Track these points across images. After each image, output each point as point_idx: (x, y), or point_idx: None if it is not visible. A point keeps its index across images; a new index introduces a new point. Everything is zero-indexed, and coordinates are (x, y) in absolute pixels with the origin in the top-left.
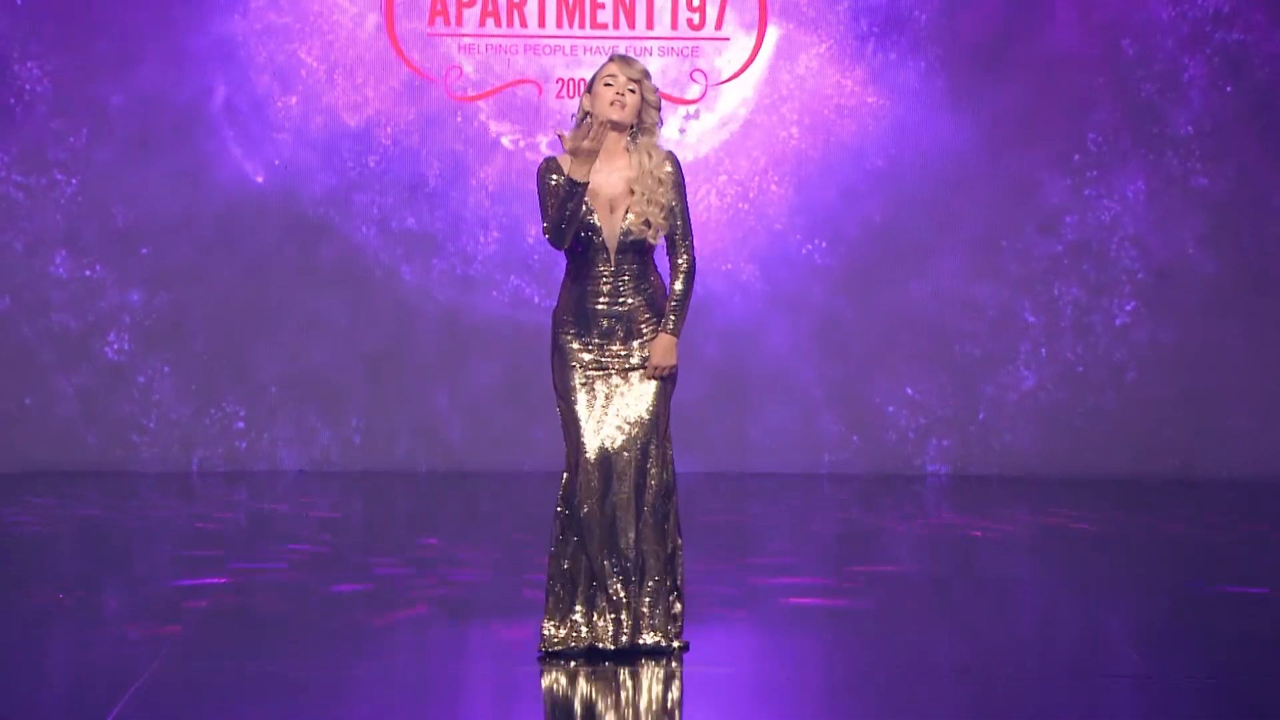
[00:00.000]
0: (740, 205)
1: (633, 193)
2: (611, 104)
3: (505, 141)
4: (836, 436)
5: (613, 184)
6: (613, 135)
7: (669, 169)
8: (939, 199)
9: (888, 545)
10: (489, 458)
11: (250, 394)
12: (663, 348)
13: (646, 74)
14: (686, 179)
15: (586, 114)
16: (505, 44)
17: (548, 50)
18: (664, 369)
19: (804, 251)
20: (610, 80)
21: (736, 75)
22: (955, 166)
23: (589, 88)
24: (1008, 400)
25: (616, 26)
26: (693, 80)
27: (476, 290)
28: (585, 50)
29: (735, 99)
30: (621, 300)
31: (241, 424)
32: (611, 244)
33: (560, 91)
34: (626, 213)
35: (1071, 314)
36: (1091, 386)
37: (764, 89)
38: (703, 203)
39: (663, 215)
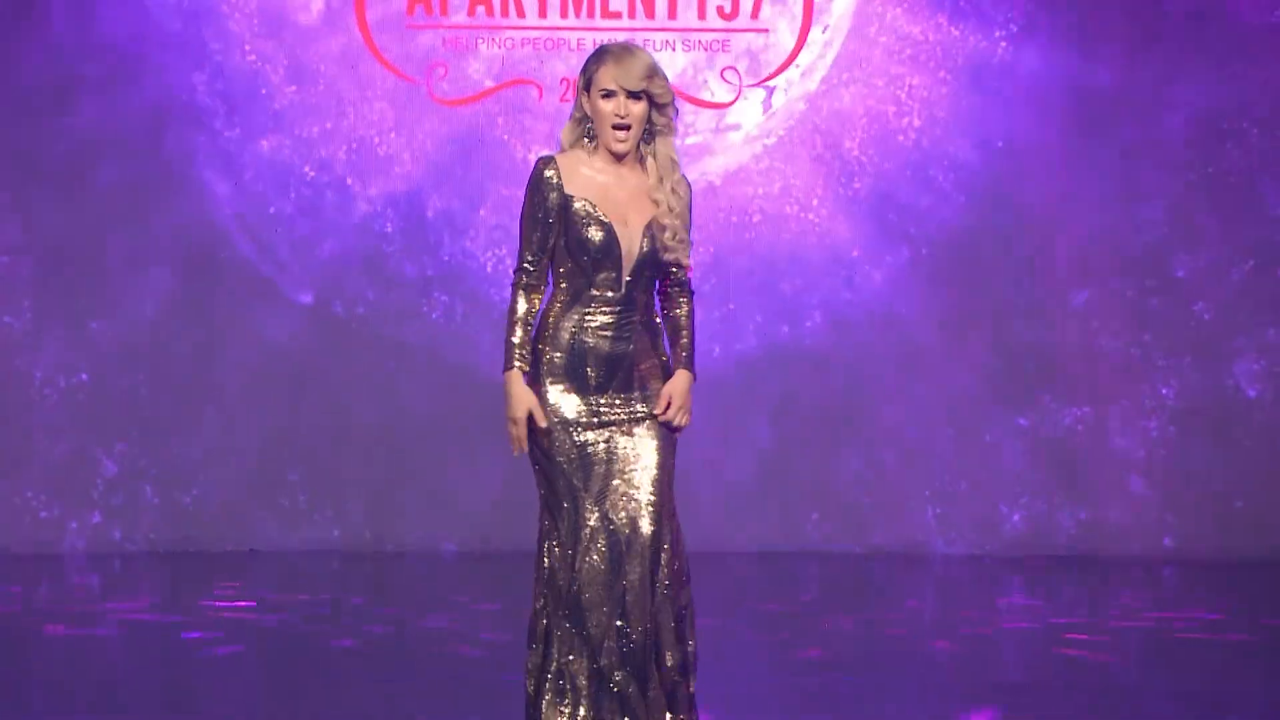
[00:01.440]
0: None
1: (655, 205)
2: (615, 131)
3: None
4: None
5: (627, 190)
6: None
7: (686, 185)
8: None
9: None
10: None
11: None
12: (684, 388)
13: (654, 70)
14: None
15: (588, 121)
16: (499, 38)
17: (549, 45)
18: (687, 414)
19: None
20: (608, 92)
21: (777, 74)
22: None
23: (585, 87)
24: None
25: (632, 16)
26: (724, 81)
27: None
28: (595, 45)
29: (777, 105)
30: (626, 337)
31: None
32: (628, 263)
33: (565, 94)
34: (649, 227)
35: None
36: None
37: (806, 94)
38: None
39: (687, 236)
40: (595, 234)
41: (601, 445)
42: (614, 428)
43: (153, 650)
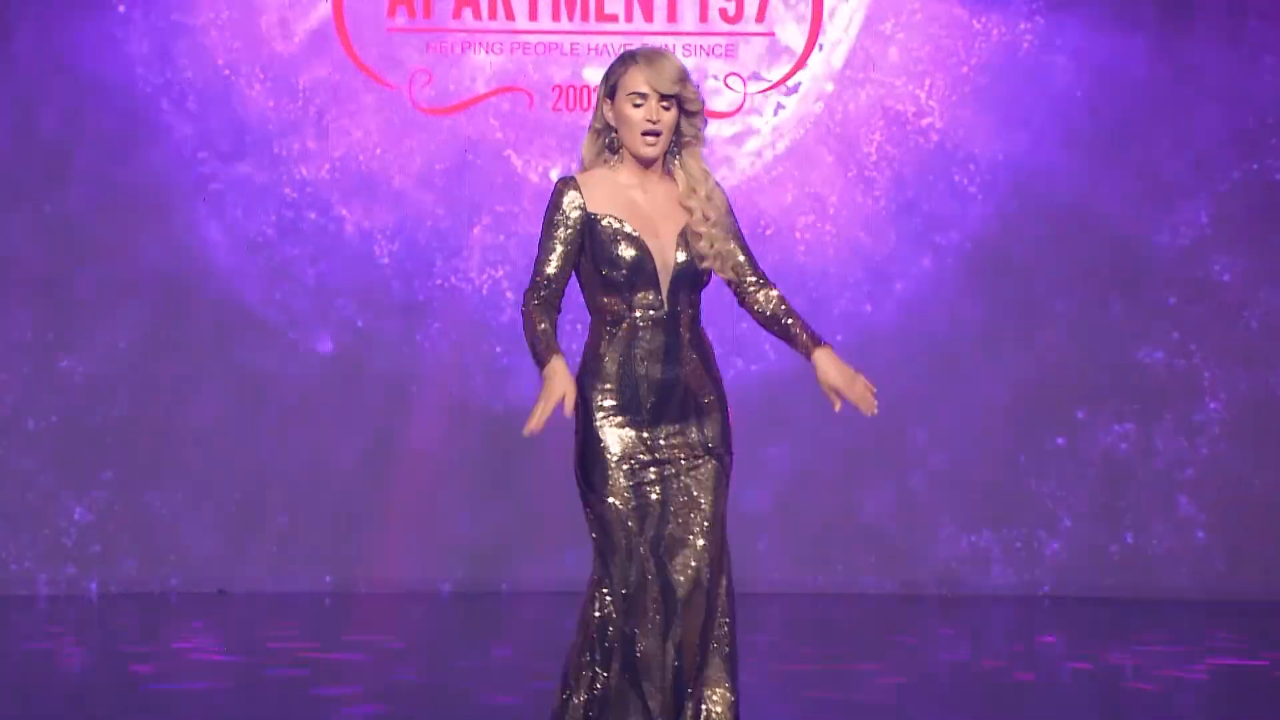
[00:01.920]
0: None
1: (689, 212)
2: (644, 137)
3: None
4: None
5: (656, 201)
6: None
7: (721, 192)
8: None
9: None
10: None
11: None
12: (836, 364)
13: (686, 75)
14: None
15: (609, 131)
16: (488, 42)
17: (541, 50)
18: (862, 381)
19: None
20: (639, 100)
21: (784, 80)
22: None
23: (608, 90)
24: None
25: (629, 19)
26: (728, 87)
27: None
28: (590, 50)
29: (787, 111)
30: (677, 359)
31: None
32: (664, 279)
33: (558, 101)
34: (683, 236)
35: None
36: None
37: (820, 97)
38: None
39: (728, 242)
40: (626, 250)
41: (657, 487)
42: (670, 465)
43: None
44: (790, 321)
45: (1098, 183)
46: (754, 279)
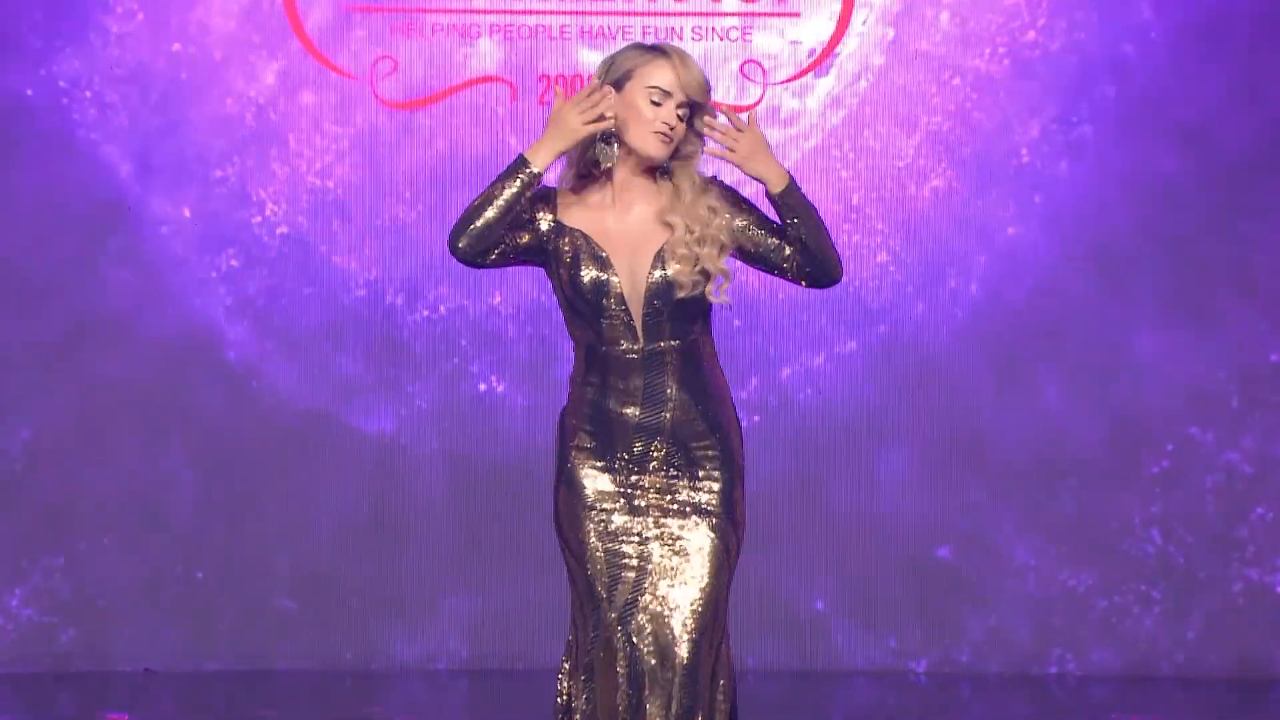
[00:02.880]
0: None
1: (671, 229)
2: (658, 134)
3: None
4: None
5: (634, 221)
6: (631, 160)
7: (715, 192)
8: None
9: None
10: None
11: None
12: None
13: (708, 90)
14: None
15: (611, 130)
16: (462, 24)
17: (525, 32)
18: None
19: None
20: (659, 97)
21: (810, 69)
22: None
23: (616, 84)
24: None
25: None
26: (745, 78)
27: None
28: (583, 34)
29: (812, 103)
30: (659, 402)
31: None
32: (636, 308)
33: (545, 94)
34: (660, 258)
35: None
36: None
37: (851, 90)
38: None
39: (722, 258)
40: (587, 272)
41: (633, 544)
42: (653, 525)
43: None
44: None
45: (1170, 191)
46: (793, 257)
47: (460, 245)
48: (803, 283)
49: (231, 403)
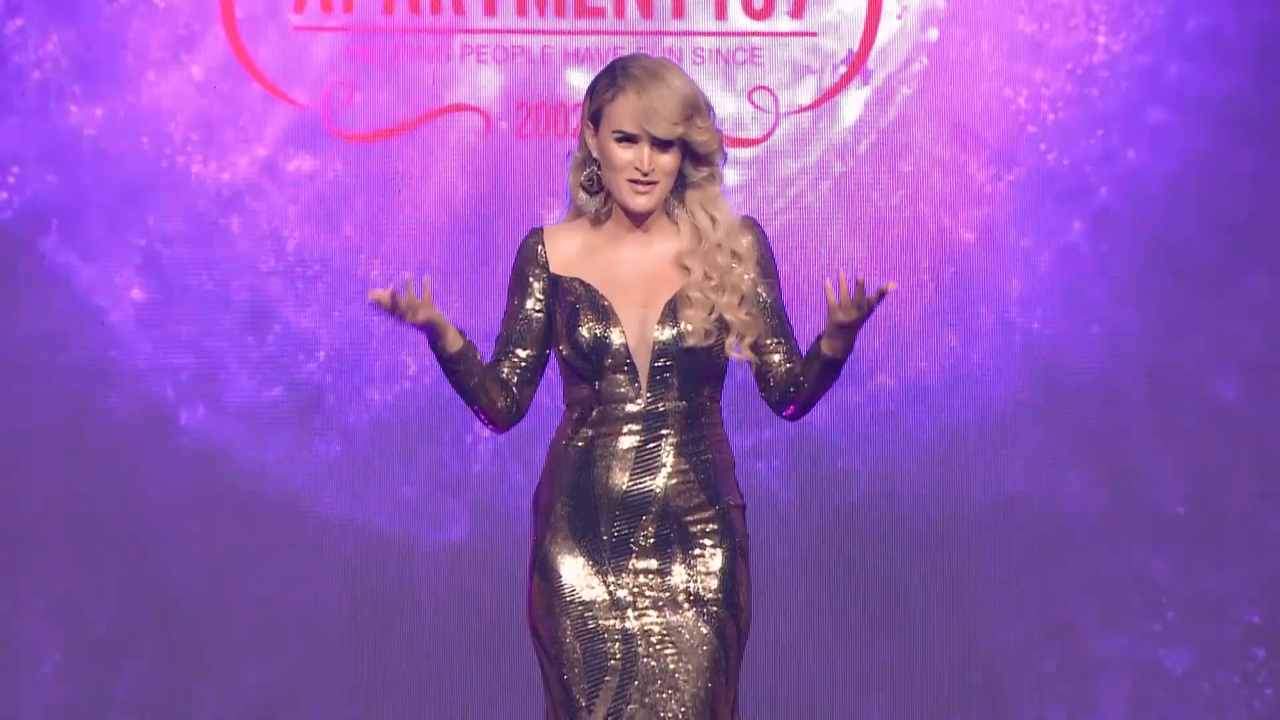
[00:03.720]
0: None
1: (687, 271)
2: (632, 185)
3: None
4: None
5: (649, 262)
6: None
7: (748, 240)
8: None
9: None
10: None
11: None
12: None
13: (694, 106)
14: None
15: (593, 165)
16: (430, 45)
17: (502, 55)
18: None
19: None
20: (627, 137)
21: (828, 98)
22: None
23: (590, 117)
24: None
25: (620, 16)
26: (753, 105)
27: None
28: (567, 57)
29: (828, 136)
30: (653, 468)
31: None
32: (642, 363)
33: (524, 126)
34: (672, 306)
35: None
36: None
37: (877, 122)
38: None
39: (745, 311)
40: (587, 324)
41: (618, 644)
42: (639, 617)
43: None
44: (802, 367)
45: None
46: (789, 360)
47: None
48: (763, 394)
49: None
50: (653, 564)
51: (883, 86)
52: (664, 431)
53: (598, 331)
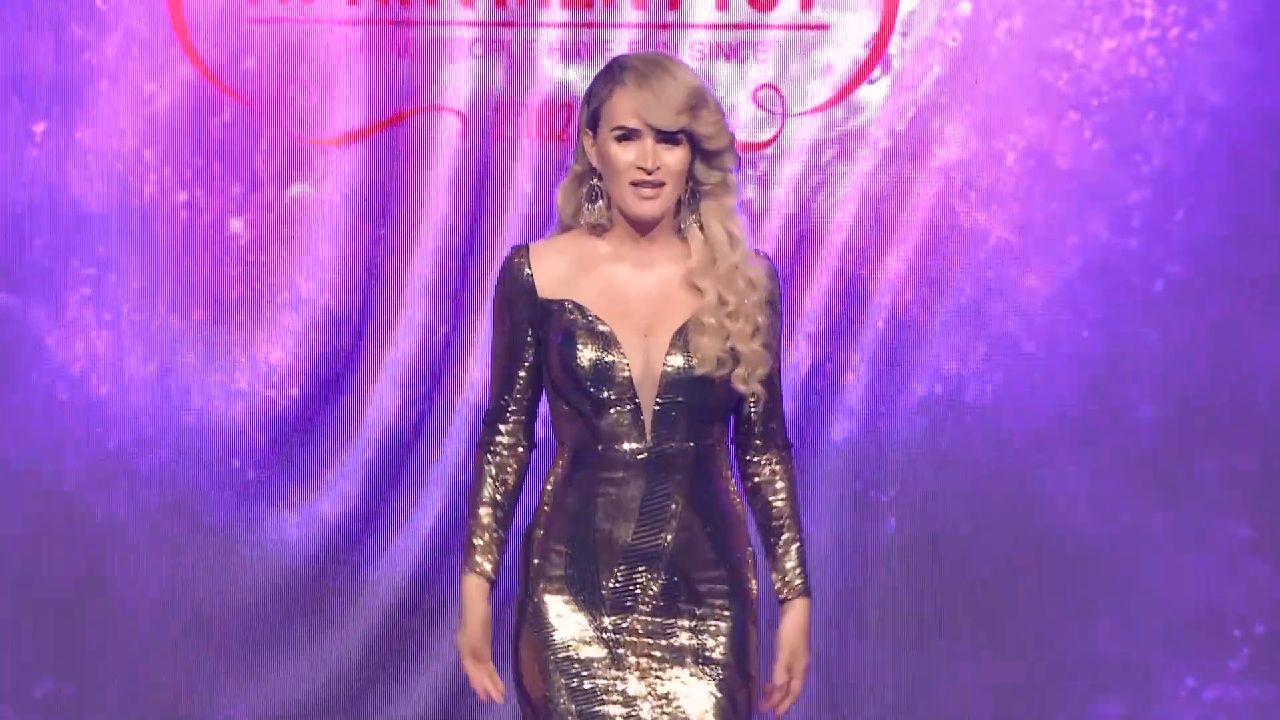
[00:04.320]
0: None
1: (698, 294)
2: (636, 189)
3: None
4: None
5: (652, 281)
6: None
7: (762, 269)
8: None
9: None
10: None
11: None
12: (798, 641)
13: (699, 97)
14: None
15: (593, 178)
16: (399, 37)
17: (480, 50)
18: (796, 688)
19: None
20: (626, 132)
21: (840, 98)
22: None
23: (588, 118)
24: None
25: (611, 6)
26: (758, 106)
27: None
28: (552, 51)
29: (844, 136)
30: (660, 518)
31: None
32: (647, 397)
33: (503, 128)
34: (683, 333)
35: None
36: None
37: (892, 125)
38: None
39: (756, 340)
40: (585, 352)
41: (617, 704)
42: (642, 680)
43: None
44: (782, 531)
45: None
46: (762, 426)
47: None
48: (737, 440)
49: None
50: (657, 621)
51: (904, 76)
52: (672, 479)
53: (600, 356)
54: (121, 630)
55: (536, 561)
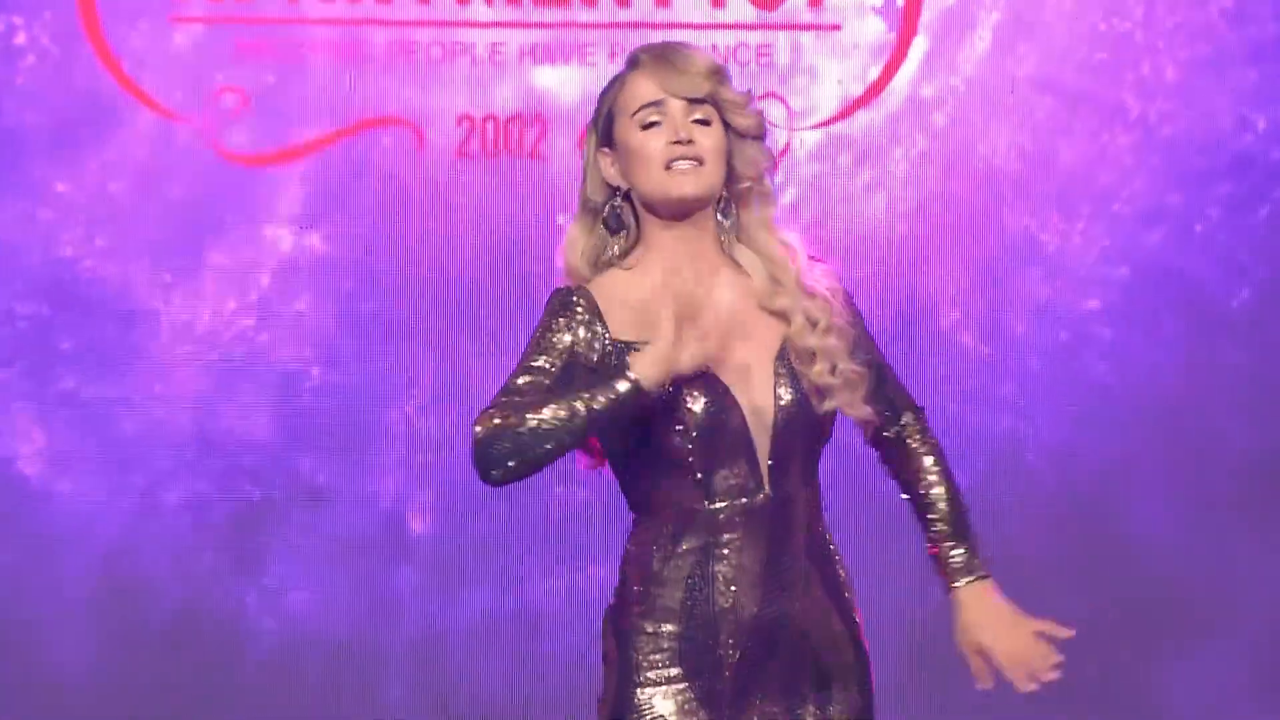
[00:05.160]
0: None
1: (780, 316)
2: (674, 165)
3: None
4: None
5: (723, 319)
6: (678, 228)
7: (824, 271)
8: None
9: None
10: None
11: None
12: (997, 607)
13: (722, 72)
14: None
15: (614, 195)
16: (347, 41)
17: (439, 54)
18: (1039, 657)
19: None
20: (656, 114)
21: (852, 110)
22: None
23: (603, 129)
24: None
25: (590, 4)
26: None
27: None
28: (523, 55)
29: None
30: (788, 581)
31: None
32: (763, 436)
33: (467, 142)
34: (785, 364)
35: None
36: None
37: (915, 133)
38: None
39: (860, 360)
40: (693, 399)
41: None
42: None
43: None
44: (944, 512)
45: None
46: (911, 424)
47: (496, 475)
48: (886, 448)
49: None
50: (780, 708)
51: (917, 93)
52: (795, 532)
53: (710, 402)
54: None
55: (635, 655)
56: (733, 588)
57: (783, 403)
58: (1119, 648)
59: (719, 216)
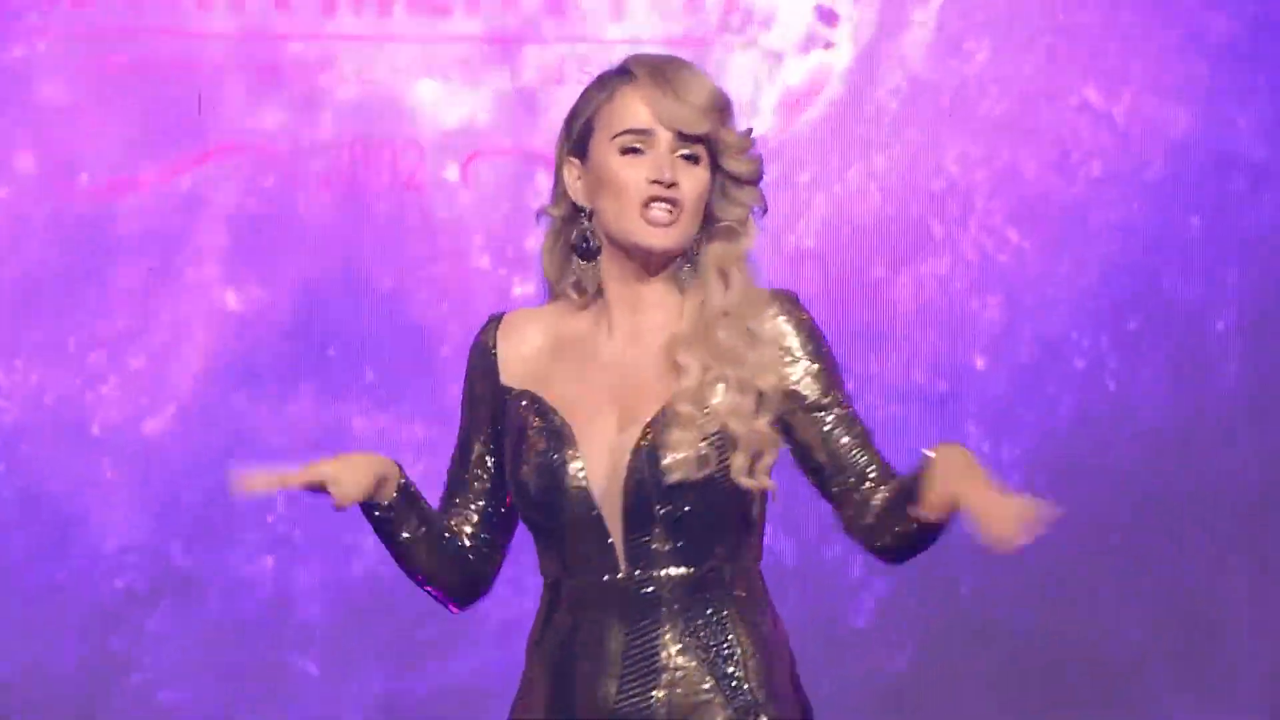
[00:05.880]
0: None
1: (682, 371)
2: (649, 210)
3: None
4: None
5: (633, 361)
6: (635, 262)
7: (784, 320)
8: None
9: None
10: None
11: None
12: (962, 458)
13: (729, 104)
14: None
15: (579, 215)
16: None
17: (388, 68)
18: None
19: None
20: (637, 142)
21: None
22: None
23: (577, 136)
24: None
25: (561, 16)
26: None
27: None
28: (485, 62)
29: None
30: (651, 671)
31: None
32: (611, 510)
33: (412, 171)
34: (653, 428)
35: None
36: None
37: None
38: None
39: (763, 417)
40: (535, 459)
41: None
42: None
43: None
44: (892, 486)
45: None
46: (874, 479)
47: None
48: (848, 516)
49: None
50: None
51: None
52: (659, 618)
53: (546, 466)
54: None
55: (520, 688)
56: (592, 676)
57: (636, 473)
58: (1160, 684)
59: (680, 258)
